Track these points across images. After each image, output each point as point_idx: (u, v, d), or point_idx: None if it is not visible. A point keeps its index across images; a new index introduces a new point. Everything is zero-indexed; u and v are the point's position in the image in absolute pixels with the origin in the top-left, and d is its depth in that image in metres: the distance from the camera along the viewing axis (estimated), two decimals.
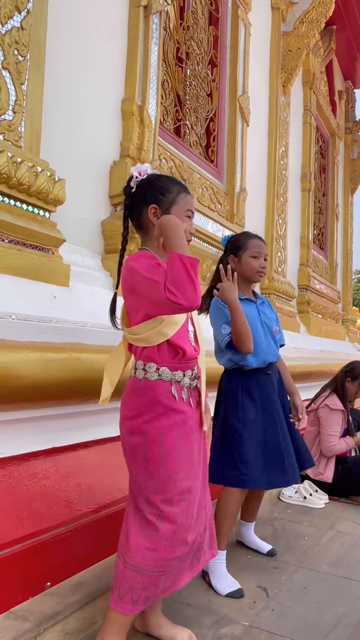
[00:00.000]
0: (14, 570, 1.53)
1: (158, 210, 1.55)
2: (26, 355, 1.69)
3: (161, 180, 1.60)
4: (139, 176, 1.58)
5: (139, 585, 1.44)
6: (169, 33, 3.41)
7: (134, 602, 1.44)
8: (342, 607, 1.91)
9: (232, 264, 2.21)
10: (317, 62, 6.27)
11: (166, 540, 1.46)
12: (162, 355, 1.51)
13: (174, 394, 1.51)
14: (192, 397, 1.58)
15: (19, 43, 1.95)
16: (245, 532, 2.42)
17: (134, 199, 1.59)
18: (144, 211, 1.57)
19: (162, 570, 1.46)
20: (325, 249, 7.34)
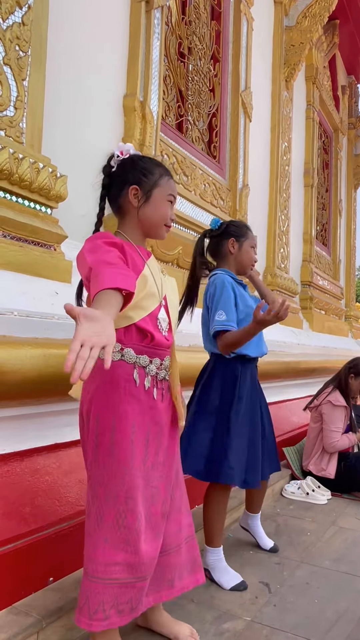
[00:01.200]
0: (16, 566, 1.54)
1: (139, 192, 1.48)
2: (28, 352, 1.69)
3: (144, 160, 1.52)
4: (120, 155, 1.50)
5: (83, 592, 1.33)
6: (171, 28, 3.40)
7: (79, 610, 1.32)
8: (344, 603, 1.92)
9: (232, 248, 2.16)
10: (320, 56, 6.24)
11: (105, 541, 1.32)
12: (129, 337, 1.40)
13: (136, 378, 1.40)
14: (157, 388, 1.46)
15: (20, 39, 1.94)
16: (252, 523, 2.41)
17: (113, 178, 1.51)
18: (123, 192, 1.49)
19: (104, 578, 1.31)
20: (328, 245, 7.32)
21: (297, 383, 4.66)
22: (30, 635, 1.42)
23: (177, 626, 1.62)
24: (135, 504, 1.35)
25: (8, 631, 1.39)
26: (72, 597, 1.58)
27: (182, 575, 1.55)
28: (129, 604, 1.35)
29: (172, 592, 1.52)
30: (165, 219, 1.53)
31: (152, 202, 1.49)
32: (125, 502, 1.34)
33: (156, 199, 1.50)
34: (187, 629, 1.62)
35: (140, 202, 1.48)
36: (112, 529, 1.33)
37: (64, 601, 1.55)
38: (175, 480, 1.55)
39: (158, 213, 1.51)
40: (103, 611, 1.31)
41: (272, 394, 4.12)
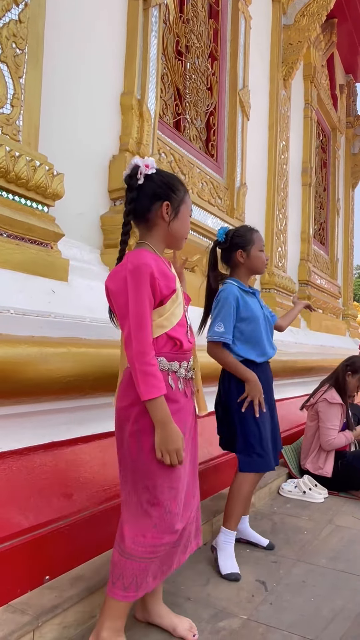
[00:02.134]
0: (13, 564, 1.54)
1: (170, 207, 1.57)
2: (25, 350, 1.69)
3: (170, 177, 1.61)
4: (146, 169, 1.55)
5: (130, 572, 1.48)
6: (169, 26, 3.39)
7: (125, 589, 1.47)
8: (340, 601, 1.92)
9: (241, 259, 2.27)
10: (318, 55, 6.24)
11: (155, 527, 1.49)
12: (160, 346, 1.52)
13: (171, 384, 1.53)
14: (187, 387, 1.61)
15: (17, 36, 1.94)
16: (241, 526, 2.40)
17: (142, 192, 1.56)
18: (154, 206, 1.56)
19: (151, 557, 1.50)
20: (326, 244, 7.33)
21: (295, 382, 4.66)
22: (27, 634, 1.42)
23: (176, 619, 1.67)
24: (177, 493, 1.53)
25: (4, 629, 1.39)
26: (68, 596, 1.58)
27: (191, 540, 1.69)
28: (167, 564, 1.59)
29: (184, 556, 1.67)
30: (187, 233, 1.67)
31: (180, 218, 1.61)
32: (169, 492, 1.51)
33: (183, 215, 1.61)
34: (186, 623, 1.66)
35: (171, 217, 1.58)
36: (161, 516, 1.49)
37: (60, 599, 1.55)
38: (194, 463, 1.69)
39: (185, 227, 1.64)
40: (146, 581, 1.51)
41: None
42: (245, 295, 2.22)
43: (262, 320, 2.26)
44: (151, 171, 1.56)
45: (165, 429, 1.45)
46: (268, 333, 2.30)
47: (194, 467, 1.69)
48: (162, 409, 1.45)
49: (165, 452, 1.46)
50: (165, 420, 1.45)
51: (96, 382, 1.96)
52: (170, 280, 1.53)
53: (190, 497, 1.64)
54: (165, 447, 1.45)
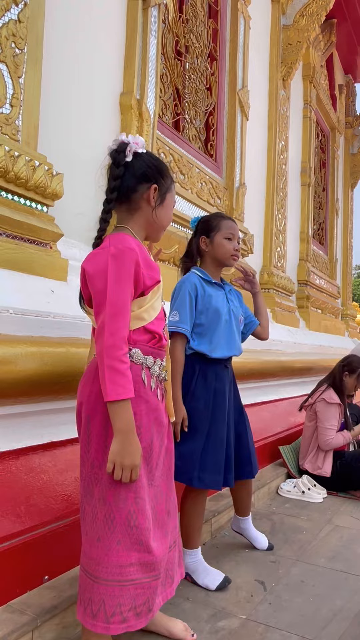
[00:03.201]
0: (12, 564, 1.54)
1: (156, 192, 1.45)
2: (24, 350, 1.69)
3: (160, 161, 1.50)
4: (135, 146, 1.42)
5: (97, 597, 1.29)
6: (168, 26, 3.39)
7: (94, 616, 1.29)
8: (339, 601, 1.92)
9: (203, 246, 2.09)
10: (317, 55, 6.24)
11: (118, 544, 1.31)
12: (136, 338, 1.39)
13: (144, 379, 1.39)
14: (159, 389, 1.47)
15: (17, 36, 1.93)
16: (244, 526, 2.37)
17: (129, 170, 1.42)
18: (140, 187, 1.43)
19: (120, 580, 1.30)
20: (325, 244, 7.33)
21: (294, 382, 4.67)
22: (26, 634, 1.42)
23: (170, 622, 1.63)
24: (144, 504, 1.36)
25: (3, 629, 1.39)
26: (67, 596, 1.58)
27: (176, 569, 1.56)
28: (146, 604, 1.34)
29: (172, 589, 1.52)
30: (170, 221, 1.56)
31: (166, 206, 1.50)
32: (135, 503, 1.34)
33: (168, 203, 1.51)
34: (180, 625, 1.62)
35: (157, 202, 1.46)
36: (124, 531, 1.32)
37: (59, 599, 1.55)
38: (171, 478, 1.57)
39: (168, 217, 1.53)
40: (120, 614, 1.30)
41: (269, 392, 4.13)
42: (207, 286, 2.02)
43: (225, 315, 2.04)
44: (141, 150, 1.44)
45: (125, 440, 1.27)
46: (232, 331, 2.07)
47: (169, 482, 1.53)
48: (127, 415, 1.27)
49: (119, 467, 1.27)
50: (128, 429, 1.27)
51: None
52: (154, 271, 1.42)
53: (165, 514, 1.45)
54: (120, 461, 1.27)
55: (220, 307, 2.02)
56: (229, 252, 2.06)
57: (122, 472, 1.28)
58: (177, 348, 1.95)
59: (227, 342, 2.05)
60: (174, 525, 1.55)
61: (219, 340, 2.01)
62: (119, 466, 1.28)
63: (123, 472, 1.28)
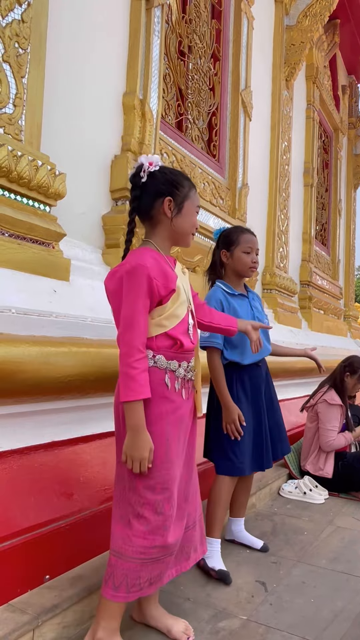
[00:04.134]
0: (13, 563, 1.54)
1: (172, 203, 1.56)
2: (26, 349, 1.69)
3: (174, 173, 1.60)
4: (149, 166, 1.55)
5: (120, 572, 1.46)
6: (171, 26, 3.39)
7: (116, 589, 1.45)
8: (340, 602, 1.92)
9: (224, 259, 2.25)
10: (320, 56, 6.23)
11: (146, 527, 1.47)
12: (159, 344, 1.52)
13: (167, 383, 1.52)
14: (185, 388, 1.59)
15: (20, 36, 1.94)
16: (236, 529, 2.40)
17: (145, 189, 1.57)
18: (156, 203, 1.56)
19: (142, 558, 1.47)
20: (328, 245, 7.32)
21: (295, 382, 4.66)
22: (27, 633, 1.43)
23: (171, 620, 1.66)
24: (171, 494, 1.51)
25: (4, 628, 1.39)
26: (68, 595, 1.58)
27: (197, 548, 1.69)
28: (159, 576, 1.53)
29: (188, 564, 1.66)
30: (193, 228, 1.64)
31: (184, 214, 1.59)
32: (162, 492, 1.49)
33: (187, 210, 1.60)
34: (181, 624, 1.65)
35: (174, 213, 1.57)
36: (152, 517, 1.47)
37: (60, 599, 1.56)
38: (193, 466, 1.69)
39: (189, 223, 1.61)
40: (139, 585, 1.48)
41: None
42: (231, 299, 2.18)
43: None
44: (154, 168, 1.56)
45: (135, 436, 1.44)
46: (259, 333, 2.20)
47: (189, 470, 1.66)
48: (137, 414, 1.43)
49: (129, 458, 1.45)
50: (138, 426, 1.44)
51: (97, 382, 1.96)
52: (170, 280, 1.52)
53: (182, 501, 1.60)
54: (130, 453, 1.44)
55: (245, 317, 2.18)
56: (247, 265, 2.22)
57: (133, 464, 1.44)
58: (214, 359, 2.15)
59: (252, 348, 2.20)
60: (194, 508, 1.69)
61: (247, 348, 2.16)
62: (130, 458, 1.44)
63: (133, 463, 1.44)
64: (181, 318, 1.55)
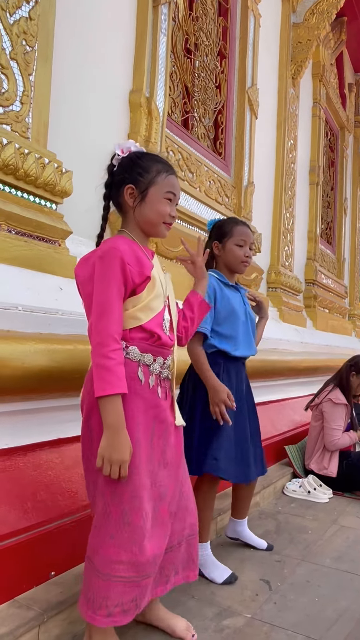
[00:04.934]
0: (18, 560, 1.55)
1: (135, 191, 1.47)
2: (32, 347, 1.69)
3: (142, 159, 1.49)
4: (121, 153, 1.49)
5: (93, 585, 1.33)
6: (178, 24, 3.38)
7: (87, 602, 1.34)
8: (344, 602, 1.92)
9: (216, 250, 2.13)
10: (327, 54, 6.21)
11: (111, 538, 1.33)
12: (133, 335, 1.40)
13: (140, 377, 1.40)
14: (160, 387, 1.46)
15: (27, 33, 1.94)
16: (239, 529, 2.36)
17: (114, 177, 1.50)
18: (121, 191, 1.48)
19: (108, 574, 1.32)
20: (333, 244, 7.30)
21: (300, 381, 4.66)
22: (32, 629, 1.43)
23: (173, 619, 1.63)
24: (140, 502, 1.36)
25: (10, 624, 1.39)
26: (74, 592, 1.59)
27: (178, 571, 1.57)
28: (134, 602, 1.36)
29: (166, 588, 1.53)
30: (163, 217, 1.50)
31: (148, 201, 1.47)
32: (130, 501, 1.35)
33: (152, 198, 1.47)
34: (183, 623, 1.63)
35: (136, 201, 1.48)
36: (118, 527, 1.34)
37: (65, 595, 1.56)
38: (182, 479, 1.56)
39: (154, 211, 1.48)
40: (106, 607, 1.32)
41: (275, 392, 4.12)
42: (225, 288, 2.07)
43: (243, 316, 2.10)
44: (124, 155, 1.49)
45: (114, 435, 1.28)
46: (248, 332, 2.14)
47: (179, 483, 1.53)
48: (115, 410, 1.28)
49: (107, 462, 1.28)
50: (117, 425, 1.28)
51: None
52: (144, 267, 1.42)
53: (166, 515, 1.44)
54: (108, 456, 1.27)
55: (238, 309, 2.08)
56: (239, 259, 2.09)
57: (111, 467, 1.28)
58: (195, 344, 1.98)
59: (246, 342, 2.12)
60: (183, 527, 1.55)
61: (236, 340, 2.06)
62: (107, 461, 1.28)
63: (112, 467, 1.28)
64: (157, 312, 1.44)
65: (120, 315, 1.34)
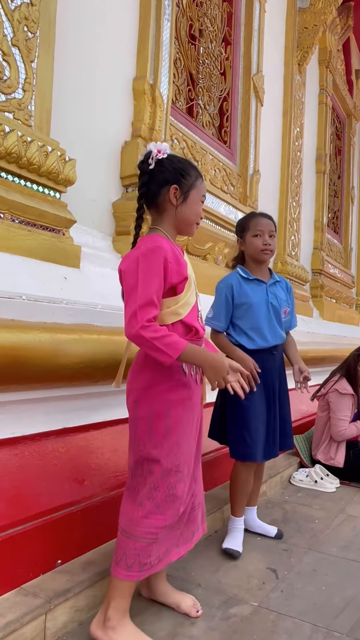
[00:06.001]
0: (25, 548, 1.55)
1: (178, 191, 1.57)
2: (37, 336, 1.69)
3: (182, 161, 1.61)
4: (157, 154, 1.57)
5: (132, 552, 1.49)
6: (182, 9, 3.34)
7: (128, 568, 1.49)
8: (351, 590, 1.91)
9: (240, 247, 2.27)
10: (333, 39, 6.11)
11: (157, 507, 1.51)
12: (175, 331, 1.51)
13: (185, 370, 1.55)
14: (197, 374, 1.62)
15: (29, 19, 1.91)
16: (248, 517, 2.39)
17: (152, 177, 1.57)
18: (163, 191, 1.57)
19: (153, 538, 1.51)
20: (340, 233, 7.24)
21: None
22: (39, 616, 1.44)
23: (179, 595, 1.71)
24: (182, 476, 1.55)
25: (17, 612, 1.40)
26: (80, 580, 1.59)
27: (198, 527, 1.72)
28: (167, 551, 1.58)
29: (191, 544, 1.68)
30: (198, 218, 1.64)
31: (190, 202, 1.59)
32: (175, 475, 1.53)
33: (193, 199, 1.59)
34: (189, 599, 1.70)
35: (179, 201, 1.58)
36: (165, 499, 1.52)
37: (72, 583, 1.57)
38: (199, 451, 1.71)
39: (194, 212, 1.61)
40: (149, 563, 1.52)
41: None
42: (245, 283, 2.19)
43: (264, 307, 2.19)
44: (162, 156, 1.57)
45: (207, 366, 1.51)
46: (272, 322, 2.21)
47: (198, 454, 1.71)
48: (195, 353, 1.48)
49: (220, 383, 1.53)
50: (204, 360, 1.50)
51: (108, 369, 1.96)
52: (182, 267, 1.54)
53: (192, 481, 1.65)
54: (214, 378, 1.52)
55: (257, 302, 2.18)
56: (258, 248, 2.19)
57: (219, 383, 1.53)
58: (221, 337, 2.20)
59: (266, 333, 2.19)
60: (200, 489, 1.72)
61: (257, 333, 2.18)
62: (219, 383, 1.53)
63: (219, 383, 1.53)
64: (192, 305, 1.58)
65: (158, 306, 1.47)
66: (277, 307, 2.23)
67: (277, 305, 2.23)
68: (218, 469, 2.66)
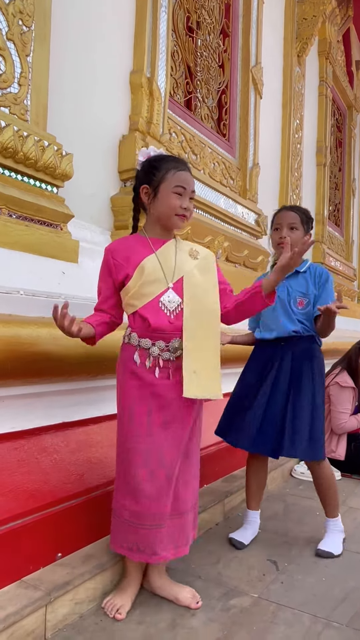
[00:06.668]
0: (25, 541, 1.56)
1: (149, 190, 1.63)
2: (34, 331, 1.69)
3: (155, 160, 1.66)
4: (142, 159, 1.69)
5: (114, 525, 1.65)
6: (179, 1, 3.31)
7: (113, 539, 1.64)
8: (352, 582, 1.92)
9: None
10: (333, 30, 6.06)
11: (118, 487, 1.63)
12: (135, 322, 1.62)
13: (136, 359, 1.60)
14: (160, 367, 1.59)
15: (24, 13, 1.90)
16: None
17: (135, 181, 1.70)
18: (139, 193, 1.67)
19: (118, 515, 1.62)
20: (341, 226, 7.21)
21: None
22: (39, 609, 1.45)
23: (177, 588, 1.71)
24: (131, 465, 1.58)
25: (17, 604, 1.41)
26: (80, 572, 1.60)
27: (190, 533, 1.72)
28: (135, 545, 1.59)
29: (186, 549, 1.68)
30: (174, 210, 1.61)
31: (160, 197, 1.62)
32: (124, 462, 1.60)
33: (162, 194, 1.61)
34: (188, 592, 1.70)
35: (150, 199, 1.64)
36: (121, 481, 1.62)
37: (72, 576, 1.58)
38: (191, 451, 1.68)
39: (167, 205, 1.61)
40: (128, 545, 1.60)
41: None
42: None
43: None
44: (142, 159, 1.69)
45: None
46: (275, 314, 2.14)
47: (186, 455, 1.65)
48: None
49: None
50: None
51: (106, 363, 1.96)
52: (131, 261, 1.60)
53: (165, 480, 1.58)
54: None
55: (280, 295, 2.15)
56: (275, 242, 2.24)
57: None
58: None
59: (269, 324, 2.21)
60: (191, 495, 1.69)
61: (262, 323, 2.25)
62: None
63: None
64: (152, 297, 1.58)
65: (101, 306, 1.70)
66: (285, 299, 2.14)
67: (285, 297, 2.14)
68: (219, 463, 2.66)
